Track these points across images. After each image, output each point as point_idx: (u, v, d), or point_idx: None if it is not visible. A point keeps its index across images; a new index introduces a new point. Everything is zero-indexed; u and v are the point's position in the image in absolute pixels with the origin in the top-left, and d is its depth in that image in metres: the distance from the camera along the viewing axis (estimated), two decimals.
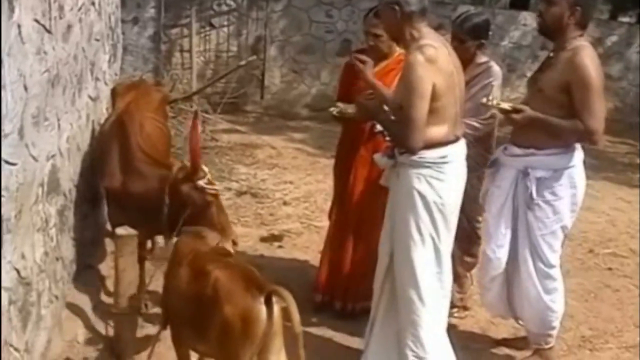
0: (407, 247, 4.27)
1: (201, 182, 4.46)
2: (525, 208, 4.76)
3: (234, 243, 4.44)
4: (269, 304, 3.44)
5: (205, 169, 4.55)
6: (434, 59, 4.02)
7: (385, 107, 4.40)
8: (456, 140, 4.30)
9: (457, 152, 4.31)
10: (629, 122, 14.52)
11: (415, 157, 4.16)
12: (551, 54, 4.77)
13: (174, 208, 4.52)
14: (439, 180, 4.20)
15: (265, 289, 3.48)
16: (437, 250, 4.28)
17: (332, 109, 5.00)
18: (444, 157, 4.20)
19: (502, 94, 5.26)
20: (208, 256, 3.91)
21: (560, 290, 4.93)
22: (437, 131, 4.14)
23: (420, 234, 4.23)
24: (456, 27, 5.22)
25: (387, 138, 5.03)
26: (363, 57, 4.74)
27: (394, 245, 4.39)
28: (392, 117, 4.29)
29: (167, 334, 4.05)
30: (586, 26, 4.66)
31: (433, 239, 4.26)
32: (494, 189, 4.95)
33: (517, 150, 4.81)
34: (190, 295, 3.74)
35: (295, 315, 3.43)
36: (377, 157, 4.62)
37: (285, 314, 3.46)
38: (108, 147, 5.05)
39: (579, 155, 4.76)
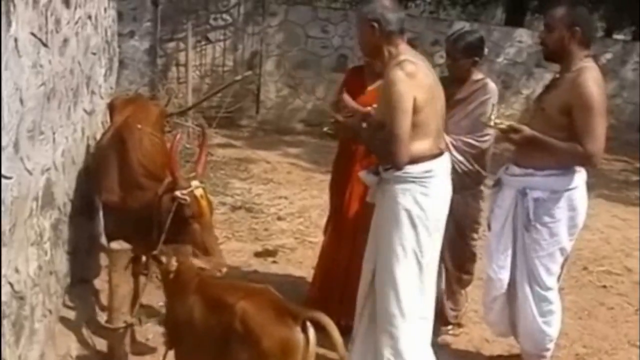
0: (390, 261, 4.24)
1: (177, 193, 4.38)
2: (523, 229, 4.75)
3: (218, 270, 4.26)
4: (304, 331, 3.43)
5: (195, 182, 4.49)
6: (414, 74, 4.02)
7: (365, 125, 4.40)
8: (440, 154, 4.28)
9: (442, 166, 4.29)
10: (624, 139, 14.54)
11: (399, 173, 4.14)
12: (557, 75, 4.77)
13: (160, 222, 4.48)
14: (424, 195, 4.17)
15: (299, 316, 3.46)
16: (419, 264, 4.25)
17: (324, 127, 4.98)
18: (428, 171, 4.17)
19: (498, 111, 5.27)
20: (220, 283, 3.88)
21: (557, 313, 4.92)
22: (421, 145, 4.12)
23: (404, 248, 4.20)
24: (450, 45, 5.23)
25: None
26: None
27: (377, 260, 4.37)
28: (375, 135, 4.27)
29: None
30: (589, 45, 4.63)
31: (416, 253, 4.22)
32: (495, 209, 4.95)
33: (517, 170, 4.80)
34: (208, 327, 3.66)
35: (339, 339, 3.44)
36: (362, 174, 4.59)
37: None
38: (107, 161, 5.02)
39: (580, 176, 4.71)
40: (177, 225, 4.40)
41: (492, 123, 4.81)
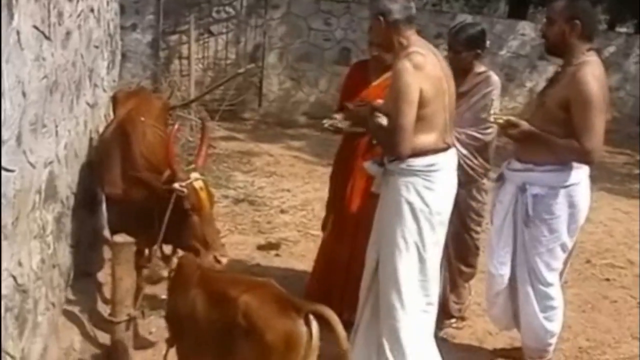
0: (392, 254, 4.25)
1: (176, 185, 4.36)
2: (523, 225, 4.73)
3: (217, 260, 4.30)
4: (308, 324, 3.42)
5: (195, 174, 4.47)
6: (422, 66, 4.02)
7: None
8: (446, 148, 4.27)
9: (447, 160, 4.28)
10: (626, 132, 14.54)
11: (403, 165, 4.14)
12: (559, 69, 4.73)
13: (160, 214, 4.47)
14: (428, 189, 4.17)
15: (302, 309, 3.44)
16: (421, 258, 4.26)
17: (324, 121, 4.98)
18: (432, 165, 4.17)
19: (501, 104, 5.26)
20: (222, 277, 3.88)
21: (559, 309, 4.90)
22: (426, 139, 4.12)
23: (406, 241, 4.21)
24: (451, 37, 5.22)
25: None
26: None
27: (380, 252, 4.37)
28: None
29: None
30: (591, 38, 4.58)
31: (418, 247, 4.23)
32: (497, 204, 4.93)
33: (517, 165, 4.77)
34: (211, 321, 3.64)
35: (342, 333, 3.41)
36: (367, 164, 4.60)
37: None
38: (110, 154, 5.01)
39: (581, 173, 4.65)
40: (177, 217, 4.39)
41: (491, 118, 4.80)
